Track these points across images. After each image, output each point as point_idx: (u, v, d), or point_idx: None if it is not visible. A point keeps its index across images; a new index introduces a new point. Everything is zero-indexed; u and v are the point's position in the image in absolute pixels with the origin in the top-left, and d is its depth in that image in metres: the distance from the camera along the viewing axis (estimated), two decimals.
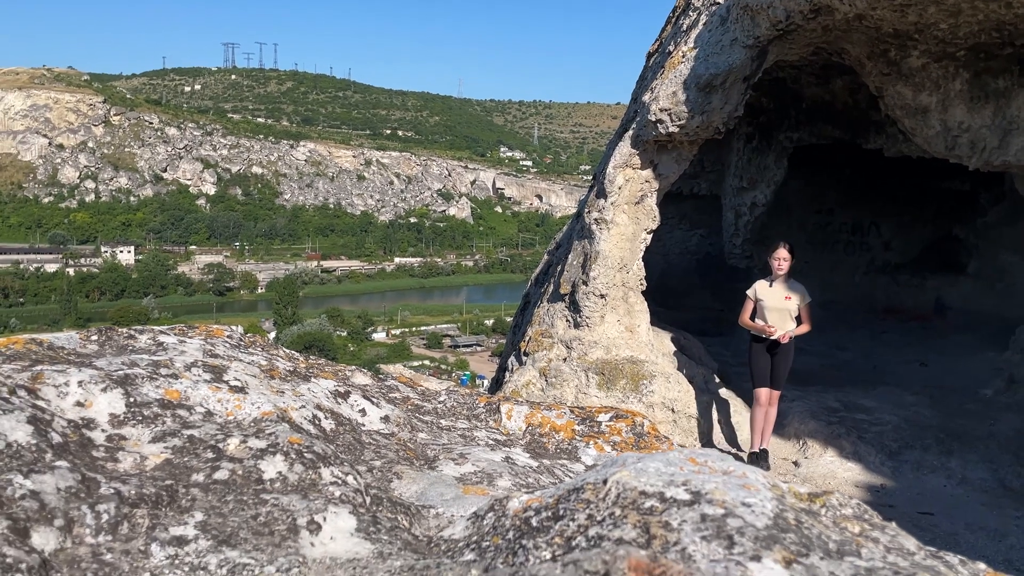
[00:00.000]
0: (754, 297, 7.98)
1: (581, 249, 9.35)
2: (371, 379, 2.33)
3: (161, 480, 1.05)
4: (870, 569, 0.91)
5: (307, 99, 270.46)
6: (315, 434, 1.35)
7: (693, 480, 1.09)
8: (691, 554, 0.92)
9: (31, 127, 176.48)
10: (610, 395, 9.08)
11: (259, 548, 0.99)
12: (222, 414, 1.27)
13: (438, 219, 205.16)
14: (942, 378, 11.68)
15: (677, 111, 8.44)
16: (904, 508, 7.26)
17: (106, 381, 1.19)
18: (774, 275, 7.83)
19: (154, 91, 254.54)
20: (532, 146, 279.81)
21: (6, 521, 0.85)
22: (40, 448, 0.95)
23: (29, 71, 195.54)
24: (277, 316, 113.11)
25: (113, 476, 1.01)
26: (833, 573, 0.89)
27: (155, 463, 1.09)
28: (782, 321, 7.84)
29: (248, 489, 1.08)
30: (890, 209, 15.69)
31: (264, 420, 1.25)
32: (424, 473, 1.43)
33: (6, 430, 0.96)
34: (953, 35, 7.71)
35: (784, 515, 1.01)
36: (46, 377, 1.15)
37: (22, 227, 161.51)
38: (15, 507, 0.87)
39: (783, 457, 8.53)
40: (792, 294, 7.79)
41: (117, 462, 1.07)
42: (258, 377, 1.55)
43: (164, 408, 1.21)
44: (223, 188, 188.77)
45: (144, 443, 1.12)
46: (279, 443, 1.17)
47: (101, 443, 1.09)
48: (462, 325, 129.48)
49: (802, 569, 0.89)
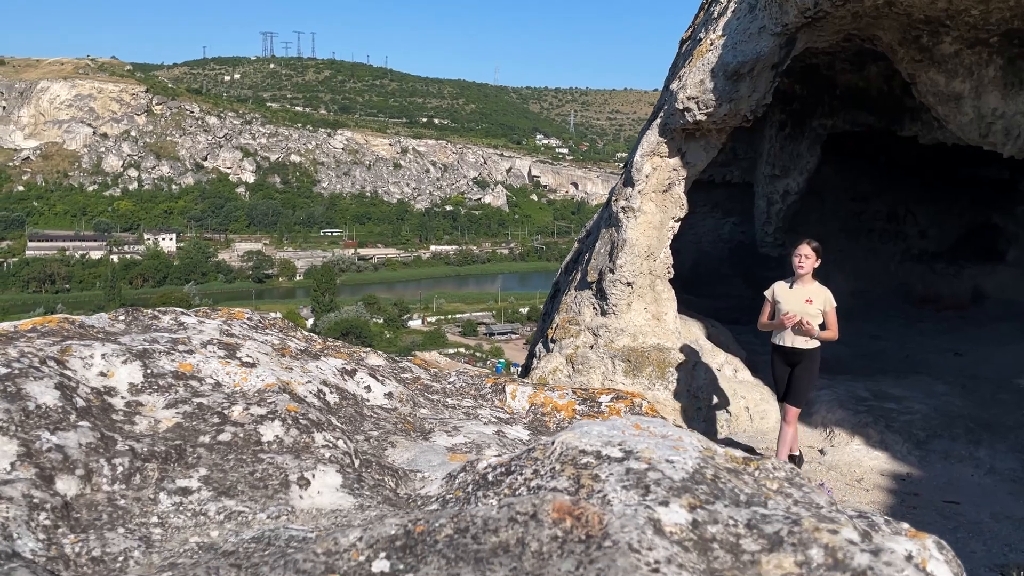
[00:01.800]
0: (772, 299, 7.19)
1: (608, 237, 9.41)
2: (384, 360, 2.46)
3: (171, 440, 1.19)
4: (766, 515, 1.00)
5: (344, 87, 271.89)
6: (318, 406, 1.48)
7: (629, 441, 1.20)
8: (610, 500, 1.03)
9: (76, 116, 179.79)
10: (636, 382, 9.15)
11: (254, 499, 1.13)
12: (230, 385, 1.41)
13: (473, 207, 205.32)
14: (977, 367, 11.55)
15: (704, 99, 8.46)
16: (930, 496, 7.26)
17: (127, 354, 1.34)
18: (795, 275, 7.00)
19: (195, 80, 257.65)
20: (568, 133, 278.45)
21: (34, 469, 1.00)
22: (65, 410, 1.09)
23: (74, 61, 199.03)
24: (315, 303, 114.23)
25: (129, 436, 1.16)
26: (732, 517, 0.99)
27: (167, 426, 1.23)
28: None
29: (248, 450, 1.22)
30: (926, 196, 15.49)
31: (267, 391, 1.39)
32: (417, 443, 1.56)
33: (36, 394, 1.10)
34: (985, 21, 7.63)
35: (703, 471, 1.11)
36: (74, 350, 1.29)
37: (68, 215, 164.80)
38: (42, 458, 1.01)
39: (809, 445, 8.55)
40: (814, 297, 6.91)
41: (133, 424, 1.21)
42: (269, 355, 1.68)
43: (178, 379, 1.35)
44: (262, 176, 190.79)
45: (158, 409, 1.26)
46: (278, 411, 1.31)
47: (120, 408, 1.23)
48: (497, 313, 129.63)
49: (704, 513, 0.99)
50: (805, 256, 6.86)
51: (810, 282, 6.94)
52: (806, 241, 7.00)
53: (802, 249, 6.92)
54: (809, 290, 6.91)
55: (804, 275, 6.89)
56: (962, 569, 0.99)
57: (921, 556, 0.96)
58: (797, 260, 6.91)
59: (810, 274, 6.91)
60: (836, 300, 7.47)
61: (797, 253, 6.95)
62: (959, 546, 6.11)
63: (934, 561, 0.96)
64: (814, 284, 6.95)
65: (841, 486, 7.47)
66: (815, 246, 6.95)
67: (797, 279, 6.97)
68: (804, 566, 0.90)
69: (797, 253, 6.95)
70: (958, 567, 0.99)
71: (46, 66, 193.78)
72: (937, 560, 0.96)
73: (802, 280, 6.93)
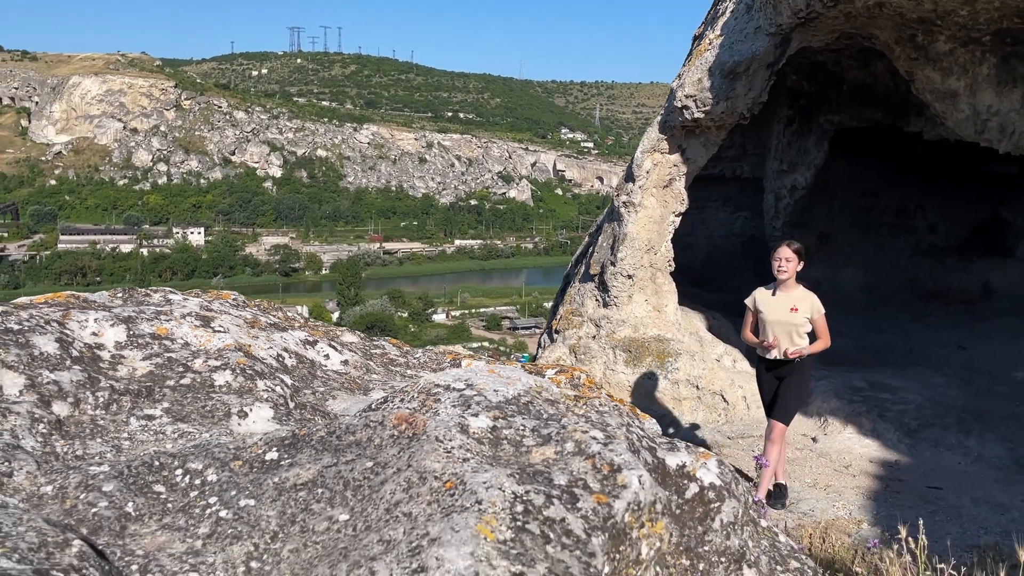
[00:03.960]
0: (753, 308, 6.49)
1: (611, 231, 9.71)
2: (358, 338, 2.80)
3: (144, 382, 1.53)
4: (549, 425, 1.33)
5: (370, 82, 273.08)
6: (273, 365, 1.82)
7: (473, 379, 1.53)
8: (439, 412, 1.35)
9: (107, 112, 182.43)
10: (636, 371, 9.45)
11: (202, 424, 1.48)
12: (196, 345, 1.74)
13: (498, 201, 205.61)
14: (979, 361, 11.71)
15: (702, 97, 8.72)
16: (914, 482, 7.50)
17: (115, 320, 1.67)
18: (777, 281, 6.32)
19: (223, 75, 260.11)
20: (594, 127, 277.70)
21: (36, 395, 1.35)
22: (62, 357, 1.44)
23: (104, 57, 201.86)
24: (340, 297, 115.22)
25: (111, 377, 1.50)
26: (524, 425, 1.33)
27: (142, 372, 1.57)
28: (787, 337, 6.34)
29: (203, 391, 1.57)
30: (936, 192, 15.60)
31: (225, 349, 1.72)
32: (356, 396, 1.88)
33: (40, 344, 1.45)
34: (974, 21, 7.82)
35: (520, 399, 1.44)
36: (72, 316, 1.64)
37: (99, 208, 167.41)
38: (42, 388, 1.36)
39: (802, 433, 8.80)
40: (799, 305, 6.25)
41: (116, 370, 1.56)
42: (240, 326, 2.02)
43: (154, 339, 1.69)
44: (289, 171, 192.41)
45: (136, 360, 1.60)
46: (230, 363, 1.64)
47: (106, 358, 1.57)
48: (521, 307, 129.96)
49: (504, 422, 1.32)
50: (786, 259, 6.22)
51: (794, 287, 6.31)
52: (786, 243, 6.37)
53: (782, 252, 6.26)
54: (793, 297, 6.28)
55: (787, 280, 6.26)
56: (735, 480, 1.29)
57: (693, 466, 1.27)
58: (777, 264, 6.25)
59: (793, 278, 6.28)
60: (846, 295, 6.83)
61: (777, 256, 6.28)
62: (935, 528, 6.35)
63: (703, 470, 1.26)
64: (799, 289, 6.33)
65: (829, 472, 7.73)
66: (796, 247, 6.31)
67: (779, 285, 6.31)
68: (559, 453, 1.23)
69: (777, 256, 6.28)
70: (731, 477, 1.28)
71: (77, 62, 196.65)
72: (707, 470, 1.27)
73: (785, 286, 6.29)
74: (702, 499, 1.31)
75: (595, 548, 1.05)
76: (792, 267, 6.21)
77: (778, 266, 6.24)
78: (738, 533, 1.41)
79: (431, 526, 1.02)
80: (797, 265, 6.23)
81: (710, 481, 1.34)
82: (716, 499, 1.33)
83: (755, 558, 1.44)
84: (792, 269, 6.21)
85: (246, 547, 1.05)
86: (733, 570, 1.36)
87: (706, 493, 1.31)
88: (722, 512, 1.36)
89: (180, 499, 1.19)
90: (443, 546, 0.96)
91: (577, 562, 1.02)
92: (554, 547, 1.03)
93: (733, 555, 1.39)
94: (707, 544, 1.32)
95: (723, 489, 1.36)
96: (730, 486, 1.39)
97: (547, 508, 1.12)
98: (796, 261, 6.23)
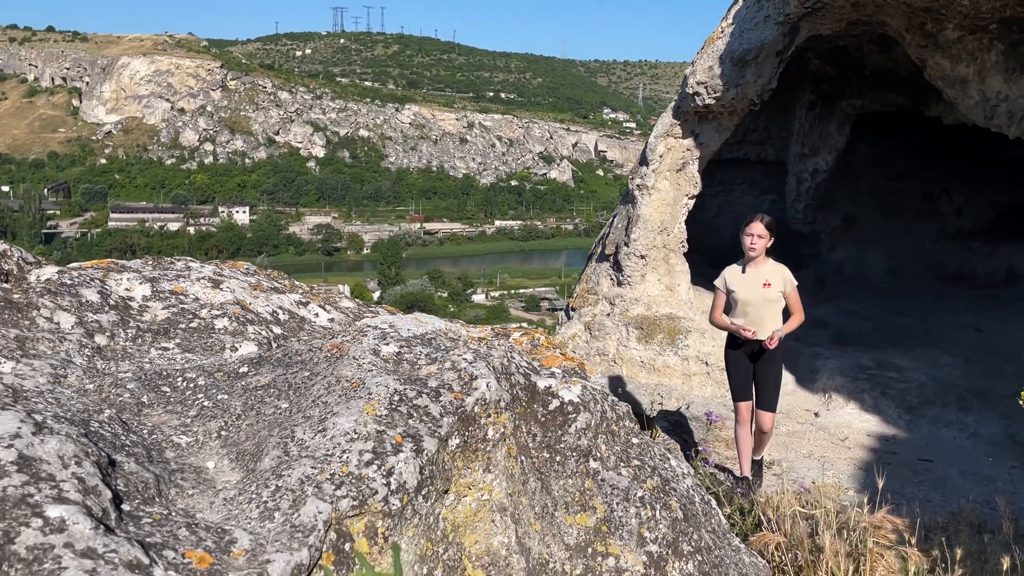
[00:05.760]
0: (724, 288, 6.34)
1: (625, 213, 10.10)
2: (354, 304, 3.29)
3: (162, 325, 2.04)
4: (439, 352, 1.80)
5: (412, 62, 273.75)
6: (267, 319, 2.32)
7: (396, 323, 2.02)
8: (361, 342, 1.84)
9: (155, 92, 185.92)
10: (648, 348, 9.86)
11: (203, 354, 1.98)
12: (204, 300, 2.24)
13: (539, 182, 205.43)
14: (994, 343, 11.89)
15: (713, 84, 9.05)
16: (907, 455, 7.84)
17: (142, 279, 2.18)
18: (746, 257, 6.18)
19: (267, 56, 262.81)
20: (636, 107, 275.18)
21: (82, 329, 1.85)
22: (102, 304, 1.94)
23: (152, 38, 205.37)
24: (381, 276, 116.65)
25: (138, 320, 2.01)
26: (421, 351, 1.80)
27: (162, 318, 2.08)
28: (763, 316, 6.16)
29: (206, 332, 2.07)
30: (962, 176, 15.64)
31: (226, 304, 2.22)
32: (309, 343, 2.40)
33: (86, 295, 1.95)
34: (976, 10, 8.03)
35: (425, 336, 1.92)
36: (111, 276, 2.14)
37: (147, 187, 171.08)
38: (87, 324, 1.87)
39: (806, 408, 9.16)
40: (771, 279, 6.10)
41: (142, 316, 2.07)
42: (245, 288, 2.51)
43: (172, 295, 2.19)
44: (331, 151, 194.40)
45: (158, 309, 2.11)
46: (227, 313, 2.14)
47: (135, 307, 2.08)
48: (560, 288, 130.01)
49: (407, 349, 1.80)
50: (758, 236, 6.06)
51: (764, 262, 6.18)
52: (758, 218, 6.18)
53: (753, 227, 6.09)
54: (764, 271, 6.14)
55: (757, 256, 6.12)
56: (594, 400, 1.73)
57: (556, 387, 1.72)
58: (749, 240, 6.09)
59: (763, 254, 6.15)
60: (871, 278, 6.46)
61: (748, 232, 6.10)
62: (919, 496, 6.72)
63: (566, 390, 1.72)
64: (769, 263, 6.19)
65: (826, 444, 8.10)
66: (767, 221, 6.15)
67: (749, 262, 6.18)
68: (440, 369, 1.71)
69: (748, 232, 6.10)
70: (590, 398, 1.73)
71: (126, 43, 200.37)
72: (569, 390, 1.71)
73: (755, 262, 6.15)
74: (562, 411, 1.79)
75: (444, 424, 1.55)
76: (763, 244, 6.09)
77: (750, 242, 6.08)
78: (588, 436, 1.88)
79: (336, 407, 1.51)
80: (768, 241, 6.11)
81: (570, 399, 1.81)
82: (573, 412, 1.81)
83: (601, 455, 1.90)
84: (763, 246, 6.09)
85: (219, 423, 1.56)
86: (582, 462, 1.83)
87: (565, 407, 1.80)
88: (577, 421, 1.84)
89: (179, 395, 1.70)
90: (339, 416, 1.45)
91: (426, 428, 1.52)
92: (414, 420, 1.52)
93: (582, 451, 1.86)
94: (563, 443, 1.79)
95: (580, 405, 1.84)
96: (588, 404, 1.87)
97: (417, 399, 1.63)
98: (768, 237, 6.10)
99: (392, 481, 1.50)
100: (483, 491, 1.60)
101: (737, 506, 4.73)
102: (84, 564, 1.08)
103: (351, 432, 1.52)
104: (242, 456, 1.55)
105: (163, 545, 1.27)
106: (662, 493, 2.07)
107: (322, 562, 1.33)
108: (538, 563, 1.65)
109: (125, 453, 1.42)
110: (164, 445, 1.53)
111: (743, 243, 6.15)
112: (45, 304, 1.83)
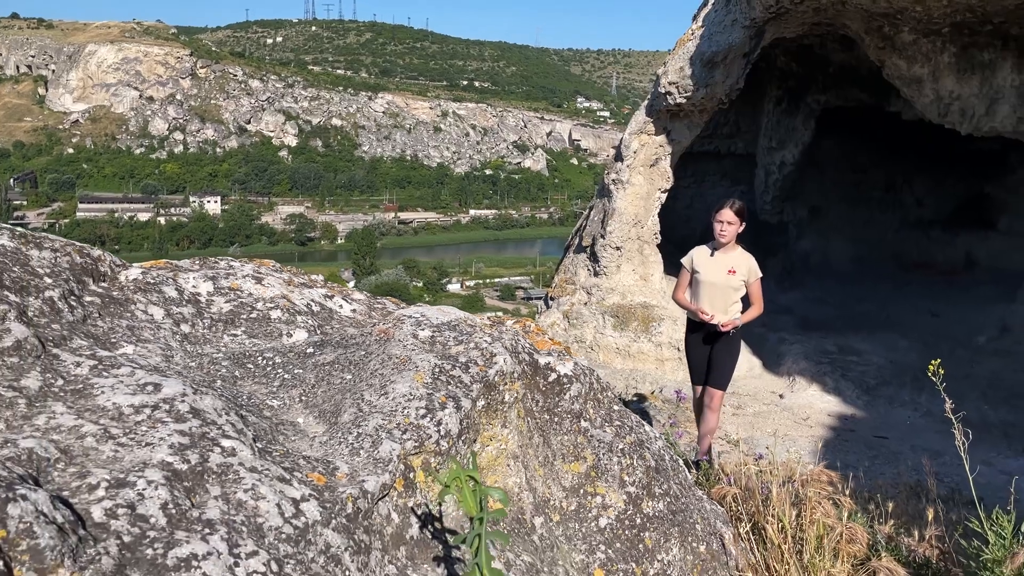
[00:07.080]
0: (690, 268, 6.32)
1: (601, 206, 10.57)
2: (365, 296, 3.72)
3: (228, 316, 2.46)
4: (460, 334, 2.25)
5: (385, 50, 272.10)
6: (304, 309, 2.75)
7: (427, 313, 2.49)
8: (401, 328, 2.28)
9: (123, 80, 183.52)
10: (623, 335, 10.35)
11: (266, 340, 2.41)
12: (256, 295, 2.67)
13: (513, 171, 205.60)
14: (949, 328, 12.54)
15: (683, 84, 9.52)
16: (863, 433, 8.40)
17: (205, 278, 2.60)
18: (716, 242, 6.17)
19: (238, 44, 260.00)
20: (610, 96, 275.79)
21: (170, 320, 2.27)
22: (180, 299, 2.35)
23: (120, 25, 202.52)
24: (356, 266, 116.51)
25: (209, 312, 2.43)
26: (449, 335, 2.25)
27: (226, 310, 2.51)
28: (722, 300, 6.21)
29: (264, 322, 2.50)
30: (923, 168, 16.30)
31: (276, 298, 2.64)
32: (359, 328, 2.82)
33: (167, 291, 2.37)
34: (928, 16, 8.57)
35: (451, 323, 2.37)
36: (180, 275, 2.56)
37: (116, 177, 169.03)
38: (173, 316, 2.29)
39: (771, 391, 9.70)
40: (737, 267, 6.13)
41: (210, 308, 2.49)
42: (281, 284, 2.94)
43: (231, 291, 2.61)
44: (304, 140, 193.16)
45: (221, 303, 2.53)
46: (279, 305, 2.57)
47: (203, 302, 2.50)
48: (535, 277, 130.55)
49: (439, 334, 2.25)
50: (728, 222, 6.01)
51: (733, 249, 6.18)
52: (728, 204, 6.11)
53: (724, 214, 6.03)
54: (732, 259, 6.16)
55: (728, 243, 6.12)
56: (583, 374, 2.18)
57: (554, 363, 2.17)
58: (719, 227, 6.05)
59: (733, 240, 6.14)
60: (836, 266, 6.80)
61: (718, 219, 6.05)
62: (873, 469, 7.27)
63: (561, 365, 2.17)
64: (737, 251, 6.20)
65: (790, 423, 8.64)
66: (738, 208, 6.08)
67: (719, 246, 6.18)
68: (466, 348, 2.15)
69: (718, 219, 6.05)
70: (580, 372, 2.18)
71: (93, 30, 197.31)
72: (564, 365, 2.16)
73: (725, 248, 6.15)
74: (559, 382, 2.26)
75: (474, 389, 2.01)
76: (733, 231, 6.04)
77: (720, 229, 6.05)
78: (580, 402, 2.37)
79: (392, 377, 1.95)
80: (739, 227, 6.06)
81: (564, 372, 2.28)
82: (567, 382, 2.28)
83: (590, 416, 2.39)
84: (733, 232, 6.05)
85: (299, 391, 1.99)
86: (574, 422, 2.31)
87: (561, 379, 2.27)
88: (571, 389, 2.31)
89: (261, 371, 2.13)
90: (396, 383, 1.89)
91: (462, 392, 1.97)
92: (452, 386, 1.97)
93: (575, 414, 2.35)
94: (559, 407, 2.26)
95: (572, 377, 2.31)
96: (579, 376, 2.35)
97: (452, 371, 2.08)
98: (738, 223, 6.05)
99: (441, 429, 1.97)
100: (501, 442, 2.08)
101: (704, 471, 5.23)
102: (253, 476, 1.55)
103: (408, 394, 1.99)
104: (323, 414, 2.00)
105: (292, 469, 1.72)
106: (639, 447, 2.56)
107: (395, 485, 1.79)
108: (542, 499, 2.13)
109: (245, 409, 1.85)
110: (262, 407, 1.96)
111: (714, 229, 6.12)
112: (139, 300, 2.23)
